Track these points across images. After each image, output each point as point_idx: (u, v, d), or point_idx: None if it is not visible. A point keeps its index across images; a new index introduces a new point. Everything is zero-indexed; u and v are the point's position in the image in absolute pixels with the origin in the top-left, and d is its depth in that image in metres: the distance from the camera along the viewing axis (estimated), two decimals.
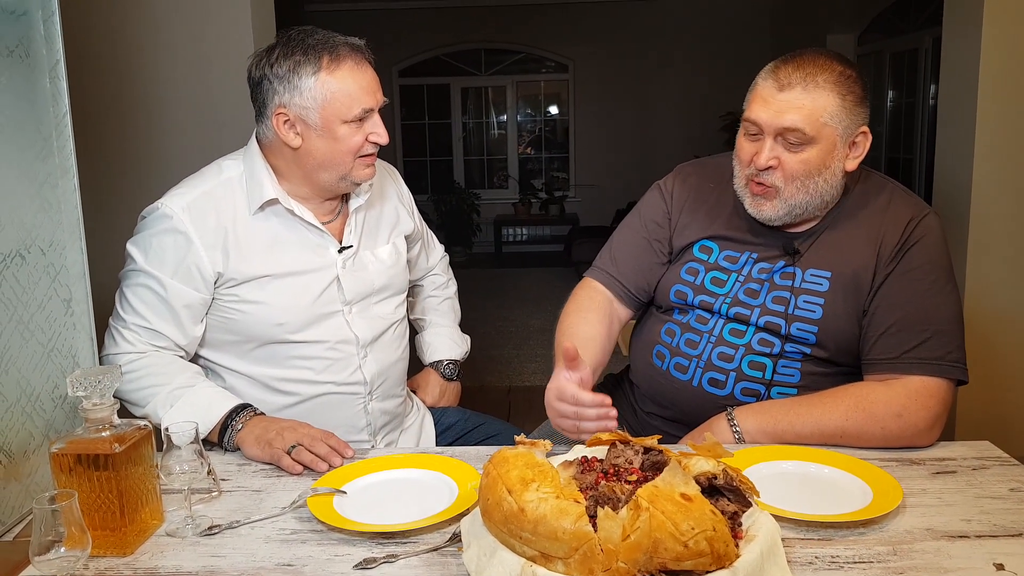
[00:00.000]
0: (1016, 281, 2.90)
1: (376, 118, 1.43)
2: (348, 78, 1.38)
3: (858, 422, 1.30)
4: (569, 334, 1.47)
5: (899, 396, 1.30)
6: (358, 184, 1.48)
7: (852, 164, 1.37)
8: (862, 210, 1.41)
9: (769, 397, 1.40)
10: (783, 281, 1.40)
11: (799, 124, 1.31)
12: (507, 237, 8.57)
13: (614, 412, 1.25)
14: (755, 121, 1.35)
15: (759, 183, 1.38)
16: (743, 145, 1.39)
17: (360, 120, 1.40)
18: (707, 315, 1.45)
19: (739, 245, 1.46)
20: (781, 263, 1.41)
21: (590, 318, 1.50)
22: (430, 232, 1.86)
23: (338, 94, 1.37)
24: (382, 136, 1.43)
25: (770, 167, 1.35)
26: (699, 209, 1.51)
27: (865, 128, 1.36)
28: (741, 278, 1.43)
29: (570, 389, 1.25)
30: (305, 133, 1.40)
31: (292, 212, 1.45)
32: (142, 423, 1.11)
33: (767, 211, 1.39)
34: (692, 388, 1.44)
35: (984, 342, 2.93)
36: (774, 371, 1.40)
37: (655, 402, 1.53)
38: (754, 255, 1.44)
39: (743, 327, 1.41)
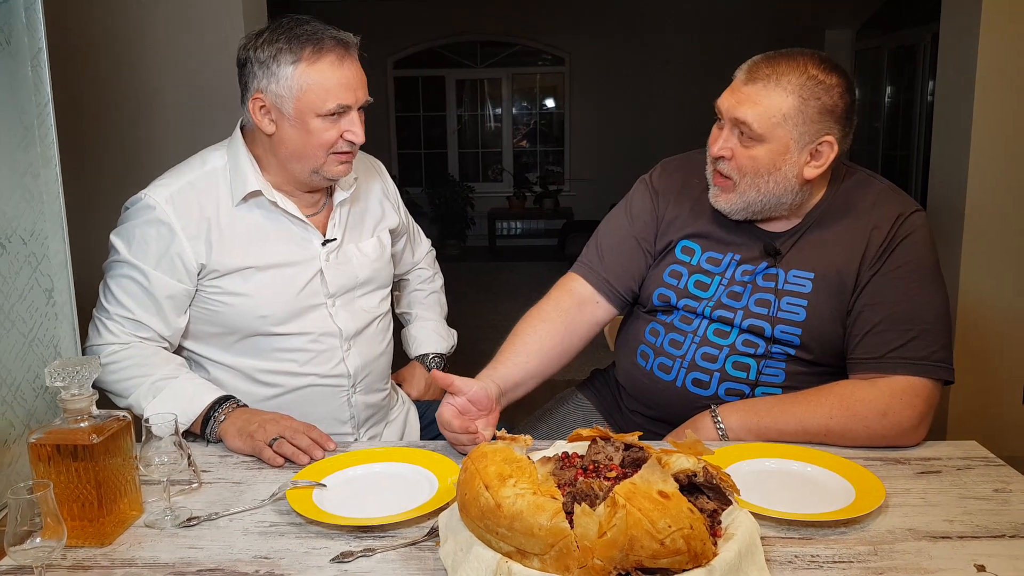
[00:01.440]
0: (1010, 278, 2.90)
1: (353, 116, 1.40)
2: (327, 71, 1.36)
3: (842, 421, 1.30)
4: (513, 339, 1.48)
5: (884, 395, 1.29)
6: (331, 180, 1.46)
7: (811, 172, 1.33)
8: (847, 209, 1.39)
9: (753, 396, 1.39)
10: (766, 283, 1.39)
11: (749, 119, 1.30)
12: (501, 231, 8.54)
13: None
14: (717, 107, 1.35)
15: (718, 172, 1.38)
16: (712, 132, 1.39)
17: (336, 116, 1.38)
18: (691, 316, 1.44)
19: (722, 246, 1.43)
20: (763, 264, 1.39)
21: (542, 330, 1.47)
22: (416, 227, 1.85)
23: (314, 86, 1.36)
24: (358, 135, 1.41)
25: (722, 156, 1.35)
26: (684, 204, 1.49)
27: (830, 138, 1.31)
28: (724, 281, 1.41)
29: (445, 416, 1.30)
30: (279, 121, 1.39)
31: (275, 204, 1.44)
32: (121, 414, 1.10)
33: (722, 203, 1.38)
34: (676, 388, 1.43)
35: (978, 340, 2.93)
36: (758, 371, 1.39)
37: (639, 401, 1.52)
38: (737, 256, 1.42)
39: (727, 328, 1.41)
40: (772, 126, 1.30)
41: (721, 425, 1.35)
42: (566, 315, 1.50)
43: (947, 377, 1.31)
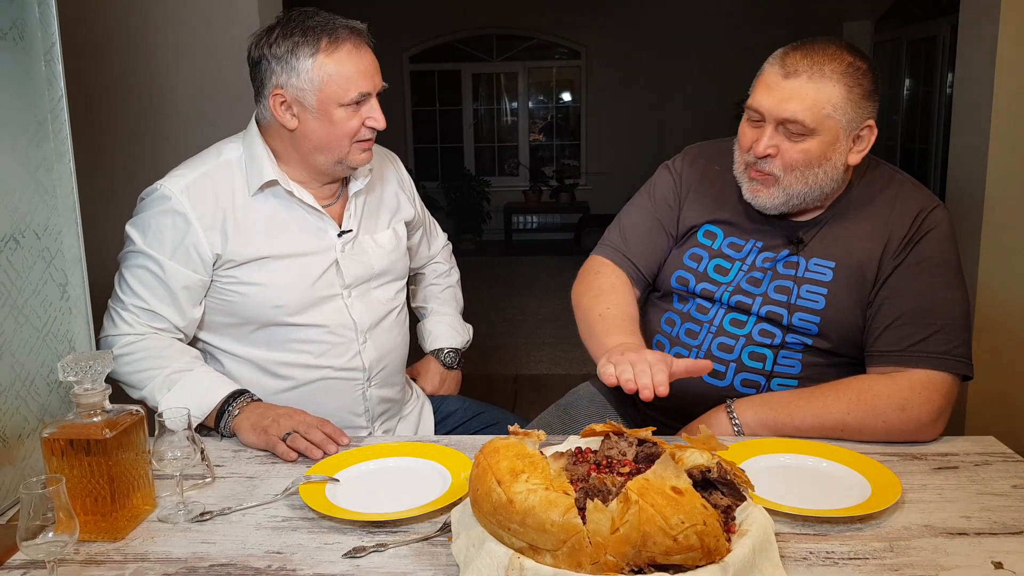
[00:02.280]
0: None
1: (373, 102, 1.42)
2: (346, 61, 1.37)
3: (860, 415, 1.28)
4: (614, 318, 1.40)
5: (903, 389, 1.28)
6: (354, 168, 1.48)
7: (855, 158, 1.35)
8: (869, 201, 1.39)
9: (769, 389, 1.39)
10: (786, 270, 1.39)
11: (800, 115, 1.29)
12: (517, 225, 8.53)
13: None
14: (757, 108, 1.33)
15: (758, 171, 1.36)
16: (745, 131, 1.37)
17: (357, 104, 1.39)
18: (708, 304, 1.44)
19: (744, 232, 1.44)
20: (785, 252, 1.40)
21: (615, 299, 1.45)
22: (433, 220, 1.85)
23: (335, 77, 1.37)
24: (379, 121, 1.42)
25: (768, 155, 1.33)
26: (706, 192, 1.50)
27: (871, 122, 1.33)
28: (745, 267, 1.42)
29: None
30: (301, 115, 1.40)
31: (291, 194, 1.44)
32: (134, 408, 1.11)
33: (763, 199, 1.37)
34: (692, 380, 1.41)
35: (996, 334, 2.89)
36: (775, 362, 1.38)
37: None
38: (759, 244, 1.42)
39: (744, 317, 1.40)
40: (823, 118, 1.29)
41: (736, 421, 1.33)
42: (625, 287, 1.48)
43: (967, 372, 1.30)
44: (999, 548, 1.01)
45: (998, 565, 0.97)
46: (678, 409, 1.47)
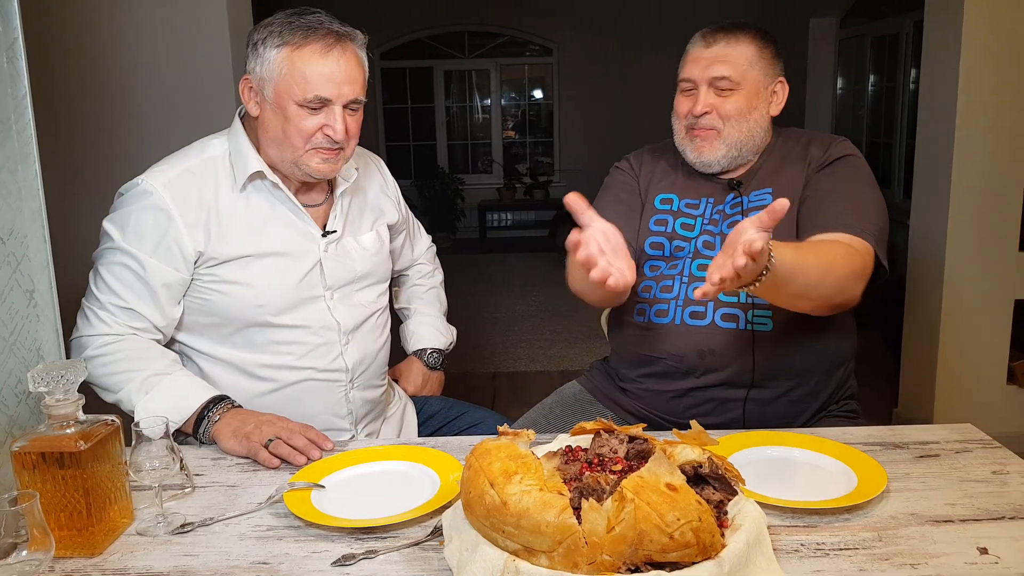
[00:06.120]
0: (994, 263, 2.92)
1: (335, 111, 1.36)
2: (310, 60, 1.33)
3: (828, 263, 1.31)
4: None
5: (837, 244, 1.35)
6: (313, 177, 1.42)
7: (775, 110, 1.56)
8: (788, 148, 1.58)
9: (748, 321, 1.47)
10: (734, 210, 1.53)
11: (727, 72, 1.50)
12: (491, 222, 8.51)
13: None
14: (689, 78, 1.54)
15: (700, 128, 1.52)
16: (681, 102, 1.56)
17: (314, 108, 1.35)
18: (676, 261, 1.54)
19: (694, 194, 1.58)
20: (730, 196, 1.55)
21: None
22: (416, 223, 1.84)
23: (294, 73, 1.34)
24: (336, 132, 1.36)
25: (706, 113, 1.51)
26: (653, 172, 1.65)
27: (783, 79, 1.56)
28: (705, 220, 1.55)
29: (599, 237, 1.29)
30: (262, 104, 1.39)
31: (277, 186, 1.42)
32: (109, 418, 1.07)
33: (707, 154, 1.53)
34: (675, 327, 1.49)
35: (962, 322, 2.95)
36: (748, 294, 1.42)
37: (642, 362, 1.54)
38: (710, 200, 1.57)
39: (708, 261, 1.47)
40: (744, 71, 1.51)
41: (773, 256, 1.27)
42: None
43: (880, 254, 1.38)
44: (983, 534, 1.02)
45: (983, 550, 0.98)
46: (667, 369, 1.51)
